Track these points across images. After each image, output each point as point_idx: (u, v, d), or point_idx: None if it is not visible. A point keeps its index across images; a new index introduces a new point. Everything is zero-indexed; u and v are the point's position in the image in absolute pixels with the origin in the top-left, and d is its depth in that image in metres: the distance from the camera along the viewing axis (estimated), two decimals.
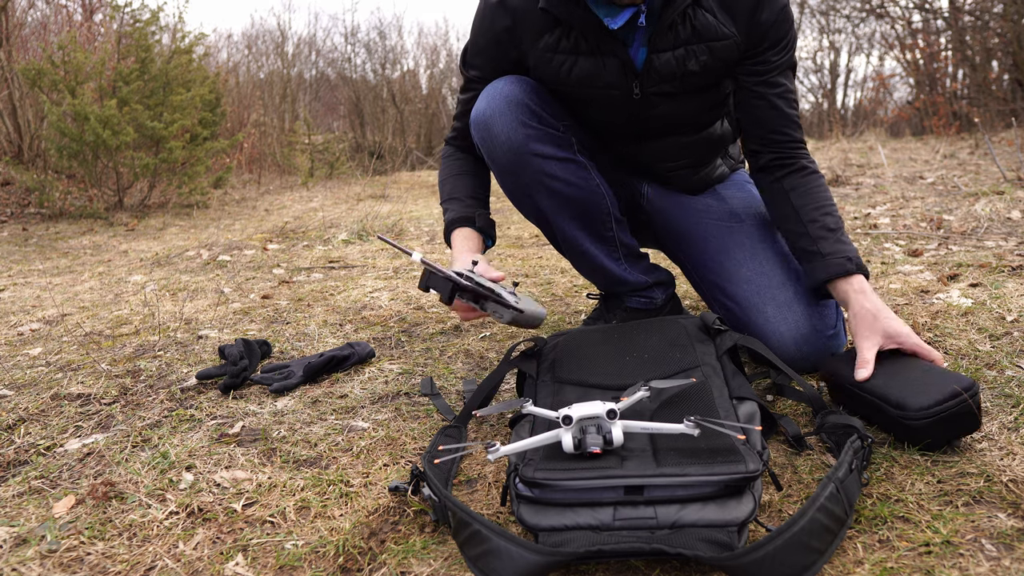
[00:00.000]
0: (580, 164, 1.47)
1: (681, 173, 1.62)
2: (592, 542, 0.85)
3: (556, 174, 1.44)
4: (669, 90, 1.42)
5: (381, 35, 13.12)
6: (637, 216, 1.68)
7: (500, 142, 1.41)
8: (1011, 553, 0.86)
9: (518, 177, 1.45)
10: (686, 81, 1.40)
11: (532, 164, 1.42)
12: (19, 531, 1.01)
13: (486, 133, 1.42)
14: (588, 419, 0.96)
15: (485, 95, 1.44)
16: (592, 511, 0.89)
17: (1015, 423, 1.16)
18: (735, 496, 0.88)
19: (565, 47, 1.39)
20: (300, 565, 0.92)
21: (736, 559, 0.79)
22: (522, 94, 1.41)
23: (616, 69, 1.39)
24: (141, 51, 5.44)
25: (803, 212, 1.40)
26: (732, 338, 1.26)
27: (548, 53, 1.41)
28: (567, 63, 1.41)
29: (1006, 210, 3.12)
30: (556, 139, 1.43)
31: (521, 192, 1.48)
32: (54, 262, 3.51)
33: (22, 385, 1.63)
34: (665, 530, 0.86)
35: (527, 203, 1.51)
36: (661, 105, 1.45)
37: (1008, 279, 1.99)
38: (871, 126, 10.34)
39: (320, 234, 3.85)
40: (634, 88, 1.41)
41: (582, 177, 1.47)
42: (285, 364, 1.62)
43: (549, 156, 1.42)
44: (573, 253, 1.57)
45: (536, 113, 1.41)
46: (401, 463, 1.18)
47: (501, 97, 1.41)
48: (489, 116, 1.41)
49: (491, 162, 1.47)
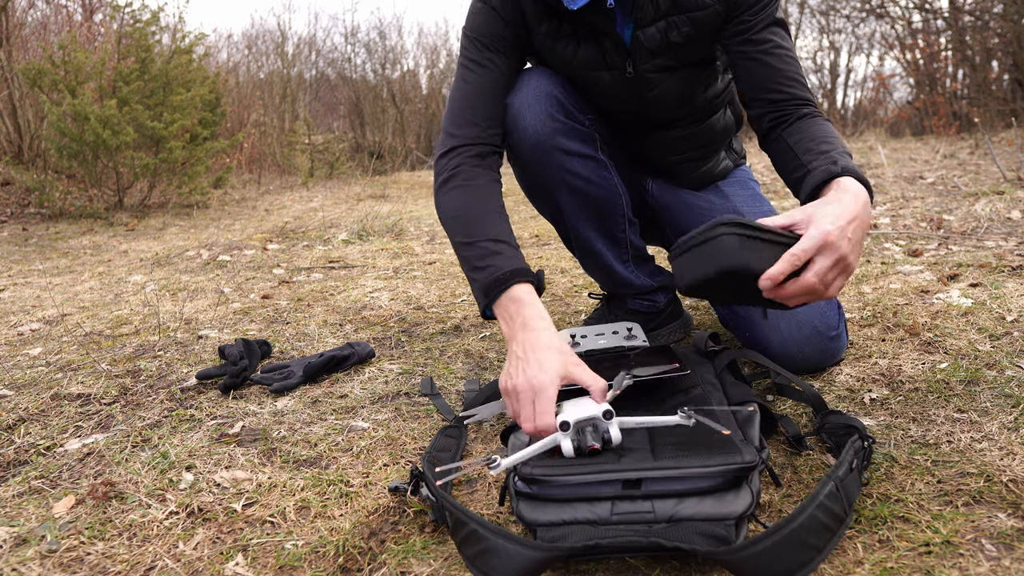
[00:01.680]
0: (601, 163, 1.46)
1: (685, 167, 1.62)
2: (589, 536, 0.85)
3: (579, 171, 1.43)
4: (662, 64, 1.40)
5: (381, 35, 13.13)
6: (642, 212, 1.68)
7: (528, 134, 1.38)
8: (1011, 553, 0.85)
9: (541, 171, 1.43)
10: (677, 54, 1.39)
11: (556, 159, 1.40)
12: (19, 531, 1.01)
13: (513, 124, 1.39)
14: (585, 421, 0.96)
15: (517, 87, 1.40)
16: (590, 506, 0.89)
17: (1015, 423, 1.16)
18: (732, 489, 0.88)
19: (566, 31, 1.39)
20: (300, 565, 0.92)
21: (733, 553, 0.79)
22: (552, 86, 1.39)
23: (612, 48, 1.38)
24: (141, 51, 5.45)
25: (799, 148, 1.25)
26: (730, 355, 1.29)
27: (549, 40, 1.40)
28: (570, 47, 1.40)
29: (1006, 210, 3.12)
30: (581, 135, 1.42)
31: (542, 187, 1.47)
32: (54, 262, 3.51)
33: (22, 385, 1.63)
34: (662, 524, 0.87)
35: (546, 199, 1.49)
36: (658, 84, 1.43)
37: (1008, 279, 1.99)
38: (871, 126, 10.34)
39: (320, 234, 3.85)
40: (627, 66, 1.40)
41: (603, 176, 1.46)
42: (285, 364, 1.62)
43: (573, 152, 1.41)
44: (583, 252, 1.57)
45: (564, 107, 1.40)
46: (401, 463, 1.18)
47: (531, 88, 1.38)
48: (518, 107, 1.38)
49: (513, 154, 1.44)
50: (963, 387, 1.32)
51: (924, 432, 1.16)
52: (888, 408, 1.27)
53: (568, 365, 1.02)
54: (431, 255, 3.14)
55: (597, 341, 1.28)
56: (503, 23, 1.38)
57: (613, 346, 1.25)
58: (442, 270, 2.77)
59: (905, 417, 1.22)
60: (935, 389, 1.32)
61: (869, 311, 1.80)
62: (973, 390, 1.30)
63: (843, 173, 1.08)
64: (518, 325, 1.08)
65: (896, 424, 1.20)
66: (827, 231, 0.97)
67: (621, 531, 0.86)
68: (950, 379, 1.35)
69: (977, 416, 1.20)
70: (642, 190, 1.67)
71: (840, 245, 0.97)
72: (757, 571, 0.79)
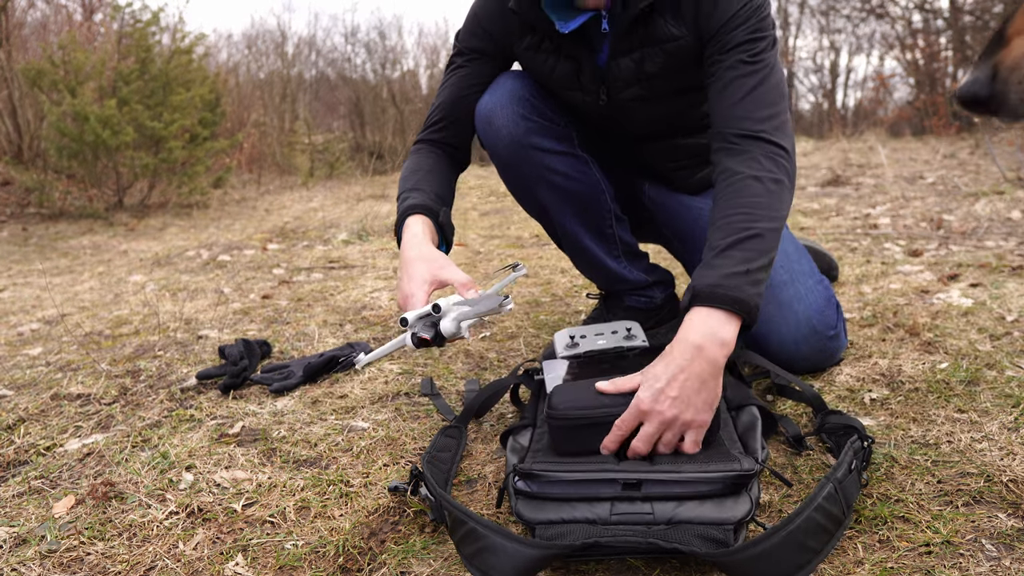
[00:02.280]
0: (580, 159, 1.47)
1: (681, 173, 1.62)
2: (588, 535, 0.85)
3: (556, 168, 1.44)
4: (639, 94, 1.39)
5: (381, 35, 13.12)
6: (639, 213, 1.68)
7: (502, 135, 1.42)
8: (1011, 553, 0.86)
9: (519, 170, 1.45)
10: (653, 84, 1.38)
11: (532, 157, 1.43)
12: (19, 531, 1.01)
13: (488, 126, 1.43)
14: (422, 316, 1.07)
15: (489, 90, 1.44)
16: (590, 506, 0.90)
17: (1015, 423, 1.16)
18: (732, 496, 0.89)
19: (547, 47, 1.40)
20: (300, 565, 0.92)
21: (731, 555, 0.79)
22: (523, 89, 1.42)
23: (588, 74, 1.39)
24: (141, 51, 5.45)
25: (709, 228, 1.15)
26: None
27: (530, 52, 1.42)
28: (548, 63, 1.41)
29: (1006, 210, 3.12)
30: (556, 133, 1.44)
31: (523, 185, 1.49)
32: (54, 262, 3.51)
33: (22, 385, 1.63)
34: (661, 526, 0.87)
35: (528, 197, 1.51)
36: (636, 111, 1.43)
37: (1008, 279, 1.99)
38: (871, 126, 10.34)
39: (320, 234, 3.85)
40: (600, 94, 1.41)
41: (582, 172, 1.47)
42: (285, 364, 1.62)
43: (548, 150, 1.43)
44: (573, 249, 1.58)
45: (536, 107, 1.42)
46: (401, 463, 1.18)
47: (504, 91, 1.42)
48: (491, 110, 1.42)
49: (493, 156, 1.47)
50: (963, 387, 1.32)
51: (924, 432, 1.16)
52: (888, 408, 1.27)
53: (434, 270, 1.15)
54: None
55: (596, 341, 1.28)
56: (486, 35, 1.44)
57: (612, 346, 1.26)
58: None
59: (905, 417, 1.22)
60: (935, 389, 1.32)
61: (869, 311, 1.80)
62: (973, 390, 1.30)
63: (692, 304, 1.03)
64: (402, 249, 1.24)
65: (896, 424, 1.20)
66: (640, 400, 0.97)
67: (620, 531, 0.86)
68: (950, 379, 1.35)
69: (977, 416, 1.20)
70: (639, 192, 1.68)
71: (658, 410, 0.96)
72: (754, 573, 0.79)
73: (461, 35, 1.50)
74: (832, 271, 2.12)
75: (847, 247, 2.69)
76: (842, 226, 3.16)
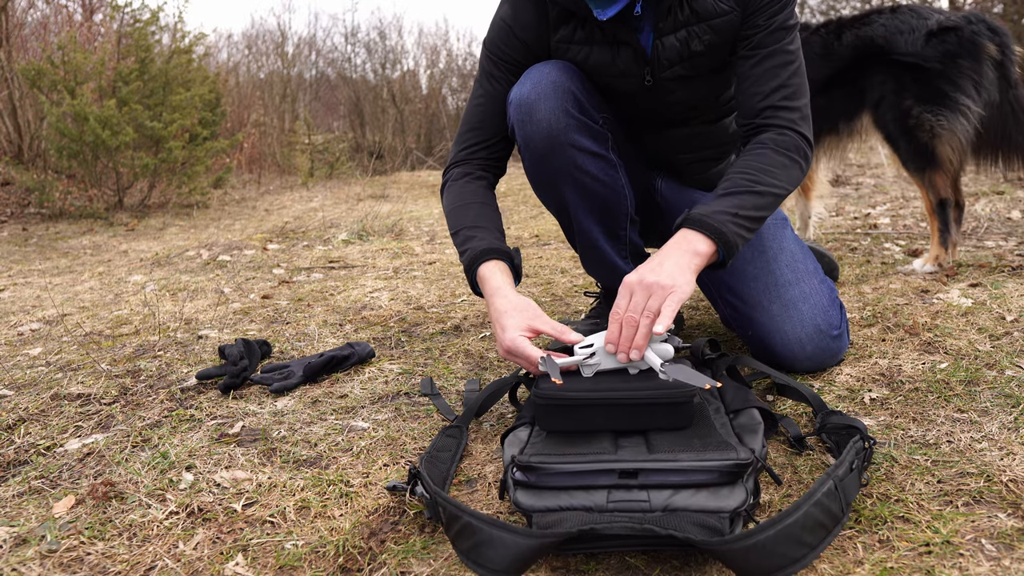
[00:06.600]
0: (611, 163, 1.47)
1: (696, 166, 1.63)
2: (584, 522, 0.86)
3: (587, 168, 1.44)
4: (681, 73, 1.42)
5: (381, 35, 13.09)
6: (649, 210, 1.69)
7: (542, 128, 1.39)
8: (1011, 553, 0.86)
9: (550, 164, 1.43)
10: (696, 63, 1.40)
11: (567, 154, 1.41)
12: (19, 531, 1.01)
13: (527, 116, 1.40)
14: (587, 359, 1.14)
15: (530, 78, 1.41)
16: (587, 494, 0.91)
17: (1015, 423, 1.16)
18: (728, 485, 0.90)
19: (580, 37, 1.41)
20: (300, 565, 0.92)
21: (726, 544, 0.79)
22: (569, 81, 1.40)
23: (629, 57, 1.40)
24: (141, 51, 5.45)
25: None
26: (727, 361, 1.32)
27: (563, 44, 1.42)
28: (582, 53, 1.42)
29: (1006, 210, 3.12)
30: (594, 133, 1.44)
31: (549, 180, 1.47)
32: (54, 262, 3.51)
33: (22, 385, 1.63)
34: (657, 513, 0.88)
35: (552, 191, 1.50)
36: (676, 91, 1.45)
37: (1008, 279, 1.99)
38: None
39: (320, 234, 3.85)
40: (645, 75, 1.42)
41: (611, 176, 1.47)
42: (285, 364, 1.62)
43: (584, 149, 1.42)
44: (584, 246, 1.58)
45: (580, 103, 1.41)
46: (401, 463, 1.18)
47: (548, 82, 1.39)
48: (533, 100, 1.39)
49: (525, 146, 1.45)
50: (963, 387, 1.32)
51: (924, 432, 1.16)
52: (888, 408, 1.27)
53: (527, 319, 1.22)
54: (431, 255, 3.14)
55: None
56: (516, 40, 1.44)
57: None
58: (442, 270, 2.77)
59: (905, 417, 1.22)
60: (935, 389, 1.32)
61: (869, 311, 1.80)
62: (973, 390, 1.30)
63: (680, 227, 1.21)
64: (489, 298, 1.29)
65: (896, 424, 1.20)
66: (627, 281, 1.14)
67: (616, 518, 0.87)
68: (950, 379, 1.35)
69: (977, 416, 1.20)
70: (651, 188, 1.68)
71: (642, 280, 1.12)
72: (749, 563, 0.79)
73: (491, 44, 1.48)
74: (833, 272, 2.12)
75: (847, 247, 2.69)
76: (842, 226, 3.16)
